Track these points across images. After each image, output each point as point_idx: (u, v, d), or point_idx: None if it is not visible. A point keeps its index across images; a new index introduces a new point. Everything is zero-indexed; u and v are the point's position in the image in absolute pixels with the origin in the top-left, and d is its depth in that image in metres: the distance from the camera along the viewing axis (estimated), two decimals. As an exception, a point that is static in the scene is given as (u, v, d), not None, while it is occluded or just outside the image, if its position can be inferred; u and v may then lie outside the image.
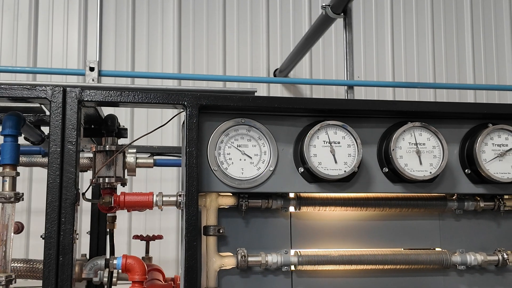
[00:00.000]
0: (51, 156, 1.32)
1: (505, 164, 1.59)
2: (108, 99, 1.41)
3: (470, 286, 1.65)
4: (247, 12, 4.31)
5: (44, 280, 1.28)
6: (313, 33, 3.05)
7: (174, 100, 1.44)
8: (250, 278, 1.55)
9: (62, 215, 1.30)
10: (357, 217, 1.65)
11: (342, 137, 1.51)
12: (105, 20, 4.16)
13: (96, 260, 1.52)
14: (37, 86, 1.37)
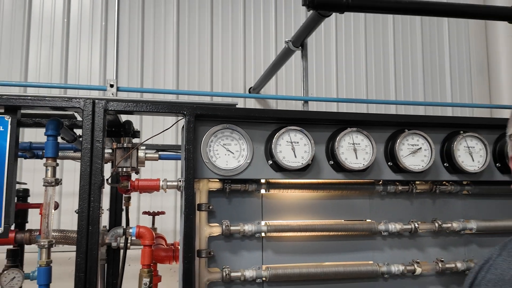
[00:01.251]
0: (83, 151, 1.32)
1: (416, 159, 1.62)
2: (126, 109, 1.42)
3: (391, 247, 1.68)
4: (229, 44, 4.32)
5: (78, 245, 1.28)
6: (278, 61, 3.07)
7: (177, 110, 1.45)
8: (231, 242, 1.55)
9: (92, 195, 1.30)
10: (311, 197, 1.67)
11: (300, 138, 1.53)
12: (120, 45, 4.12)
13: (116, 229, 1.53)
14: (73, 99, 1.37)
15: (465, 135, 1.66)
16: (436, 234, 1.72)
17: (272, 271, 1.53)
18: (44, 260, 1.37)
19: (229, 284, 1.52)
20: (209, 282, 1.49)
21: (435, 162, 1.65)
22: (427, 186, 1.72)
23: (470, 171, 1.64)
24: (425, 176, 1.66)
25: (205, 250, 1.48)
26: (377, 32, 4.77)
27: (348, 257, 1.64)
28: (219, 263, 1.53)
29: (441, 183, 1.72)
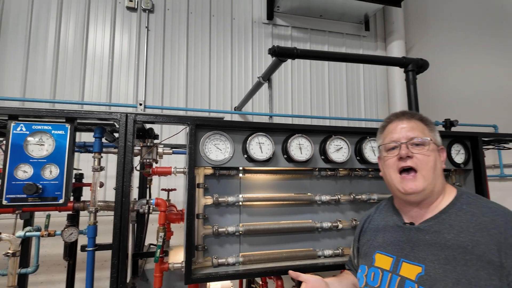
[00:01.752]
0: (119, 148, 1.30)
1: (339, 154, 1.65)
2: (149, 120, 1.40)
3: (323, 211, 1.70)
4: (221, 77, 4.31)
5: (115, 211, 1.26)
6: (253, 89, 3.08)
7: (183, 121, 1.44)
8: (219, 209, 1.55)
9: (125, 177, 1.28)
10: (272, 178, 1.67)
11: (265, 140, 1.54)
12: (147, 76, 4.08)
13: (141, 200, 1.50)
14: (113, 113, 1.34)
15: (370, 139, 1.70)
16: (351, 203, 1.75)
17: (246, 227, 1.54)
18: (92, 221, 1.34)
19: (217, 236, 1.52)
20: (204, 235, 1.49)
21: (351, 156, 1.68)
22: (346, 172, 1.75)
23: (373, 162, 1.68)
24: (345, 165, 1.68)
25: (201, 214, 1.48)
26: (318, 69, 4.83)
27: (296, 218, 1.66)
28: (211, 223, 1.52)
29: (355, 170, 1.75)
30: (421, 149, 0.99)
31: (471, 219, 0.89)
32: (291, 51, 2.11)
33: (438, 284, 0.83)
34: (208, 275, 1.37)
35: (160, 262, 1.38)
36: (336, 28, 5.05)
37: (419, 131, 1.01)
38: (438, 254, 0.87)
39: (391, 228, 1.08)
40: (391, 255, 1.00)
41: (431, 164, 0.97)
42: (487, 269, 0.79)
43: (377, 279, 1.01)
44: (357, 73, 5.05)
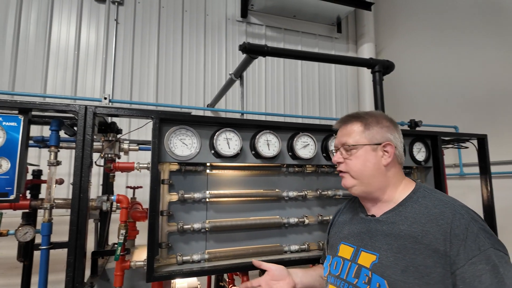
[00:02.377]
0: (77, 141, 1.24)
1: (306, 151, 1.67)
2: (110, 113, 1.35)
3: (290, 207, 1.72)
4: (194, 74, 4.24)
5: (72, 206, 1.20)
6: (226, 86, 3.05)
7: (147, 114, 1.40)
8: (185, 205, 1.52)
9: (83, 172, 1.23)
10: (240, 175, 1.66)
11: (233, 136, 1.53)
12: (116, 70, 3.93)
13: (101, 197, 1.44)
14: (71, 105, 1.28)
15: (335, 136, 1.73)
16: (318, 198, 1.78)
17: (213, 224, 1.53)
18: (46, 218, 1.27)
19: (182, 233, 1.50)
20: (168, 232, 1.45)
21: (317, 153, 1.72)
22: (313, 168, 1.78)
23: (339, 159, 1.73)
24: (311, 161, 1.71)
25: (166, 211, 1.45)
26: (291, 69, 4.89)
27: (263, 214, 1.67)
28: (176, 220, 1.49)
29: (321, 166, 1.79)
30: (350, 154, 1.07)
31: (424, 211, 0.94)
32: (262, 48, 2.11)
33: (388, 271, 0.89)
34: (172, 272, 1.34)
35: (121, 260, 1.34)
36: (310, 29, 5.13)
37: (350, 137, 1.08)
38: (392, 243, 0.94)
39: (356, 221, 1.15)
40: (353, 245, 1.08)
41: (359, 167, 1.05)
42: (433, 257, 0.84)
43: (338, 267, 1.08)
44: (329, 73, 5.16)
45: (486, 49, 3.48)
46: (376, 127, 1.06)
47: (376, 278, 0.91)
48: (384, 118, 1.09)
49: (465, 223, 0.86)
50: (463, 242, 0.83)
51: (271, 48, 2.14)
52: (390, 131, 1.07)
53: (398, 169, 1.08)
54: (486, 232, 0.85)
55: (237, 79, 2.72)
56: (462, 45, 3.79)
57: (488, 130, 2.21)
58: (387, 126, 1.07)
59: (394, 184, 1.05)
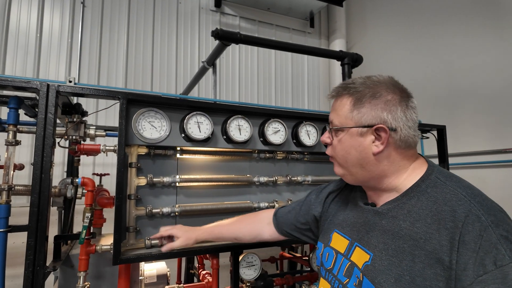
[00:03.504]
0: (39, 119, 1.18)
1: (277, 136, 1.69)
2: (74, 91, 1.29)
3: (261, 192, 1.74)
4: (165, 60, 4.12)
5: (33, 187, 1.15)
6: (198, 74, 3.01)
7: (113, 95, 1.36)
8: (154, 190, 1.50)
9: (45, 151, 1.17)
10: (211, 160, 1.66)
11: (204, 120, 1.52)
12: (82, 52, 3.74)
13: (65, 179, 1.39)
14: (31, 81, 1.21)
15: (306, 123, 1.79)
16: (288, 184, 1.82)
17: (183, 208, 1.52)
18: (4, 199, 1.20)
19: (151, 217, 1.48)
20: (136, 216, 1.43)
21: (288, 139, 1.75)
22: (283, 155, 1.81)
23: (308, 145, 1.77)
24: (282, 147, 1.75)
25: (133, 194, 1.43)
26: (265, 59, 4.92)
27: (234, 199, 1.68)
28: (144, 204, 1.47)
29: (291, 153, 1.83)
30: (336, 137, 0.87)
31: (431, 207, 0.74)
32: (234, 36, 2.11)
33: (380, 277, 0.74)
34: (140, 255, 1.32)
35: (86, 244, 1.30)
36: (283, 22, 5.18)
37: (337, 115, 0.87)
38: (389, 243, 0.77)
39: (353, 207, 0.96)
40: (348, 237, 0.91)
41: (343, 153, 0.86)
42: (435, 268, 0.68)
43: (330, 260, 0.93)
44: (301, 66, 5.25)
45: (447, 47, 3.70)
46: (369, 104, 0.80)
47: (367, 283, 0.77)
48: (386, 89, 0.81)
49: (480, 228, 0.66)
50: (474, 254, 0.64)
51: (244, 35, 2.15)
52: (388, 108, 0.79)
53: (401, 155, 0.82)
54: (510, 242, 0.64)
55: (209, 67, 2.69)
56: (425, 43, 3.99)
57: (446, 124, 2.36)
58: (387, 101, 0.80)
59: (395, 172, 0.83)
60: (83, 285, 1.28)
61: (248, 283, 1.70)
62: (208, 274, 1.73)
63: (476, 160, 3.24)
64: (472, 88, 3.38)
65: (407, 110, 0.81)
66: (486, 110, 3.22)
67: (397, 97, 0.81)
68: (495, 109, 3.14)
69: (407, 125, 0.80)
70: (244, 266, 1.66)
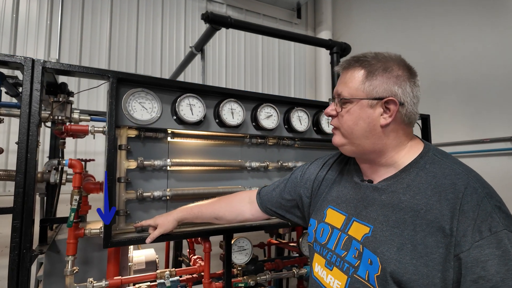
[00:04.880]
0: (24, 97, 1.12)
1: (269, 121, 1.69)
2: (61, 68, 1.23)
3: (252, 177, 1.74)
4: (150, 46, 4.00)
5: (17, 168, 1.09)
6: (186, 60, 2.95)
7: (103, 73, 1.30)
8: (145, 173, 1.47)
9: (30, 130, 1.11)
10: (203, 144, 1.64)
11: (196, 102, 1.49)
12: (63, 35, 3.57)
13: (51, 161, 1.33)
14: (15, 56, 1.14)
15: (297, 109, 1.79)
16: (279, 170, 1.83)
17: (174, 192, 1.50)
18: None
19: (141, 201, 1.45)
20: (126, 200, 1.40)
21: (280, 124, 1.75)
22: (275, 140, 1.81)
23: (300, 131, 1.78)
24: (274, 132, 1.74)
25: (123, 177, 1.39)
26: (252, 45, 4.88)
27: (226, 184, 1.67)
28: (134, 187, 1.44)
29: (283, 139, 1.83)
30: (344, 108, 0.87)
31: (430, 181, 0.78)
32: (225, 19, 2.07)
33: (382, 247, 0.77)
34: (131, 238, 1.29)
35: (75, 227, 1.25)
36: (271, 12, 5.14)
37: (346, 86, 0.86)
38: (389, 215, 0.80)
39: (348, 184, 0.97)
40: (344, 212, 0.92)
41: (350, 124, 0.86)
42: (435, 236, 0.71)
43: (325, 235, 0.93)
44: (288, 55, 5.24)
45: (430, 39, 3.79)
46: (381, 77, 0.83)
47: (368, 254, 0.79)
48: (396, 65, 0.85)
49: (477, 198, 0.71)
50: (472, 222, 0.69)
51: (235, 20, 2.11)
52: (399, 83, 0.83)
53: (403, 131, 0.86)
54: (502, 211, 0.71)
55: (198, 52, 2.64)
56: (410, 34, 4.07)
57: (430, 114, 2.42)
58: (398, 75, 0.83)
59: (395, 147, 0.86)
60: (71, 270, 1.24)
61: (240, 268, 1.70)
62: (199, 259, 1.71)
63: (456, 150, 3.36)
64: (454, 79, 3.49)
65: (414, 87, 0.85)
66: (466, 101, 3.34)
67: (406, 74, 0.84)
68: (474, 100, 3.26)
69: (412, 101, 0.84)
70: (235, 250, 1.66)
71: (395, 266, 0.73)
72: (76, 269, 1.27)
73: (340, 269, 0.85)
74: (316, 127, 1.87)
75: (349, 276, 0.81)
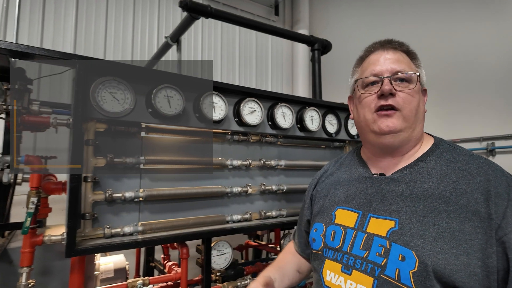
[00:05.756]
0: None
1: (252, 117, 1.60)
2: (17, 50, 1.06)
3: (233, 176, 1.64)
4: (120, 38, 3.75)
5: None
6: (160, 52, 2.77)
7: (70, 58, 1.14)
8: (115, 172, 1.32)
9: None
10: (181, 140, 1.52)
11: (175, 94, 1.36)
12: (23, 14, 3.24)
13: (4, 157, 1.15)
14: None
15: (281, 105, 1.71)
16: (261, 168, 1.75)
17: (148, 193, 1.36)
18: None
19: (111, 203, 1.30)
20: (93, 201, 1.24)
21: (263, 121, 1.66)
22: (257, 138, 1.73)
23: (284, 127, 1.70)
24: (257, 129, 1.66)
25: (90, 176, 1.23)
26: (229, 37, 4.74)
27: (205, 183, 1.56)
28: (103, 188, 1.28)
29: (265, 136, 1.75)
30: (406, 87, 0.82)
31: (453, 167, 0.77)
32: (205, 8, 1.94)
33: (416, 239, 0.71)
34: (99, 245, 1.14)
35: (31, 234, 1.09)
36: (249, 8, 5.04)
37: (405, 64, 0.85)
38: (416, 205, 0.76)
39: (355, 181, 0.92)
40: (357, 210, 0.85)
41: (415, 105, 0.82)
42: (472, 220, 0.68)
43: (338, 238, 0.85)
44: (266, 49, 5.15)
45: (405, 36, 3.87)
46: (421, 66, 0.89)
47: (398, 249, 0.72)
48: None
49: (506, 180, 0.71)
50: (509, 203, 0.68)
51: (215, 9, 1.99)
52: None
53: None
54: None
55: (173, 43, 2.48)
56: (386, 32, 4.12)
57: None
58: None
59: (420, 137, 0.87)
60: (26, 283, 1.07)
61: (219, 273, 1.60)
62: (175, 265, 1.59)
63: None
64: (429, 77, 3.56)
65: None
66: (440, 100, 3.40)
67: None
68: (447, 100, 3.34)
69: None
70: (214, 255, 1.56)
71: (435, 258, 0.68)
72: (33, 283, 1.10)
73: (362, 272, 0.76)
74: (299, 124, 1.81)
75: (375, 278, 0.74)
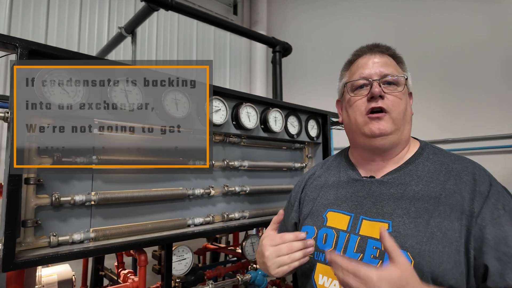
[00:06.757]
0: None
1: (217, 116, 1.54)
2: None
3: (195, 177, 1.58)
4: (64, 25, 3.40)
5: None
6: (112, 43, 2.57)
7: (9, 41, 0.99)
8: (63, 173, 1.18)
9: None
10: (139, 139, 1.41)
11: (133, 89, 1.26)
12: None
13: None
14: None
15: (246, 105, 1.69)
16: (224, 169, 1.70)
17: (101, 196, 1.24)
18: None
19: (58, 208, 1.16)
20: (36, 206, 1.09)
21: (227, 120, 1.62)
22: (221, 137, 1.68)
23: (248, 128, 1.68)
24: (221, 129, 1.61)
25: (33, 178, 1.09)
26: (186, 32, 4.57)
27: (165, 185, 1.47)
28: (48, 191, 1.14)
29: (229, 136, 1.71)
30: (394, 90, 0.85)
31: (440, 168, 0.81)
32: (166, 0, 1.84)
33: (411, 241, 0.73)
34: (43, 256, 1.00)
35: (-45, 247, 0.92)
36: (207, 4, 4.94)
37: (393, 68, 0.88)
38: (408, 207, 0.78)
39: (345, 184, 0.93)
40: (348, 212, 0.86)
41: (403, 107, 0.84)
42: (461, 219, 0.72)
43: (330, 241, 0.85)
44: (224, 47, 5.08)
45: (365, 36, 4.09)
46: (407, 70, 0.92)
47: None
48: None
49: (488, 180, 0.76)
50: (486, 200, 0.73)
51: (176, 2, 1.90)
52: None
53: None
54: (507, 192, 0.77)
55: (128, 35, 2.31)
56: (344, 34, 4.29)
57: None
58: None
59: (407, 140, 0.90)
60: None
61: (178, 279, 1.52)
62: (131, 274, 1.47)
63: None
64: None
65: None
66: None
67: None
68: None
69: None
70: (174, 260, 1.47)
71: (430, 258, 0.70)
72: (-44, 304, 0.93)
73: None
74: (263, 125, 1.80)
75: None
